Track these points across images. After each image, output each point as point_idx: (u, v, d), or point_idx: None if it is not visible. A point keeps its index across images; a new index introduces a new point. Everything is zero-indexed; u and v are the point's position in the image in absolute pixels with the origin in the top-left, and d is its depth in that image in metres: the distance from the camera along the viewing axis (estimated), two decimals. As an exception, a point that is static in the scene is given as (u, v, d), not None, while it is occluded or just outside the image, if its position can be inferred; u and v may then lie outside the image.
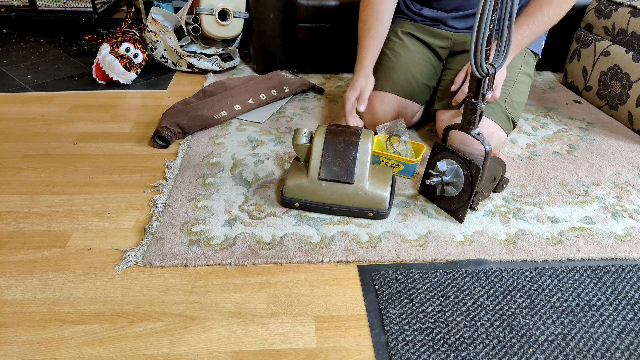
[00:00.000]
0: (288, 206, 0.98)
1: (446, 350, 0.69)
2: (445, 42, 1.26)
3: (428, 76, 1.25)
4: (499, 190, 1.03)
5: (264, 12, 1.61)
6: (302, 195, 0.96)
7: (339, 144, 0.95)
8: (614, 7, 1.44)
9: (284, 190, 0.97)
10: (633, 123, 1.36)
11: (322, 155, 0.95)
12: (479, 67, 0.82)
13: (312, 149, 0.96)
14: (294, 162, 1.01)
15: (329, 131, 0.96)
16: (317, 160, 0.95)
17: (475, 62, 0.81)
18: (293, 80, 1.52)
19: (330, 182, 0.95)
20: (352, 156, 0.94)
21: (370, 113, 1.24)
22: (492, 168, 0.94)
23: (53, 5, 2.05)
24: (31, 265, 0.83)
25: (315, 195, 0.96)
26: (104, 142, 1.25)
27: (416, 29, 1.28)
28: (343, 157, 0.94)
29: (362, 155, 0.94)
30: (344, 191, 0.95)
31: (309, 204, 0.97)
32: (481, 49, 0.80)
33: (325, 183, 0.95)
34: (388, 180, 0.97)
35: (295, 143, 0.97)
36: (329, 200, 0.96)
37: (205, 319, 0.74)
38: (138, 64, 1.64)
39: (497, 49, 0.83)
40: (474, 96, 0.87)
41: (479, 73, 0.83)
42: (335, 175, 0.94)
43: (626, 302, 0.79)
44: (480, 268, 0.85)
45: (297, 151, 0.99)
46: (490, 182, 0.97)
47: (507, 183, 1.02)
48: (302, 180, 0.96)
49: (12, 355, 0.67)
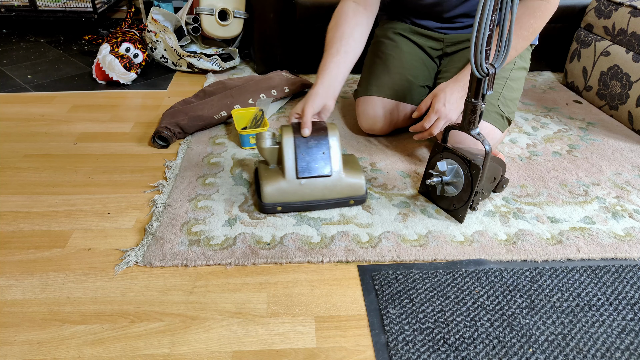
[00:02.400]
0: (269, 212, 0.96)
1: (446, 350, 0.69)
2: (438, 44, 1.26)
3: (421, 77, 1.25)
4: (499, 190, 1.03)
5: (264, 12, 1.61)
6: (282, 198, 0.95)
7: (310, 140, 0.96)
8: (614, 7, 1.44)
9: (263, 197, 0.95)
10: (633, 123, 1.37)
11: (296, 154, 0.95)
12: (479, 67, 0.82)
13: (283, 150, 0.95)
14: (262, 167, 0.99)
15: (296, 129, 0.96)
16: (291, 160, 0.95)
17: (475, 62, 0.81)
18: (293, 80, 1.52)
19: (309, 179, 0.95)
20: (324, 150, 0.96)
21: (365, 119, 1.25)
22: (492, 168, 0.94)
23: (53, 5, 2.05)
24: (31, 265, 0.84)
25: (296, 195, 0.95)
26: (104, 142, 1.25)
27: (408, 29, 1.28)
28: (317, 152, 0.95)
29: (334, 148, 0.97)
30: (324, 185, 0.96)
31: (291, 205, 0.96)
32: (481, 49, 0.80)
33: (305, 181, 0.95)
34: (358, 166, 1.01)
35: (261, 147, 0.96)
36: (310, 197, 0.96)
37: (205, 319, 0.74)
38: (138, 64, 1.64)
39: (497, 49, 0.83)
40: (474, 96, 0.87)
41: (479, 73, 0.83)
42: (313, 172, 0.95)
43: (626, 302, 0.79)
44: (480, 268, 0.85)
45: (265, 155, 0.97)
46: (490, 182, 0.97)
47: (507, 183, 1.02)
48: (281, 183, 0.94)
49: (12, 355, 0.67)
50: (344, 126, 1.36)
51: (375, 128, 1.25)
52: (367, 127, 1.27)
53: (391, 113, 1.23)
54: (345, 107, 1.49)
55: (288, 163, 0.94)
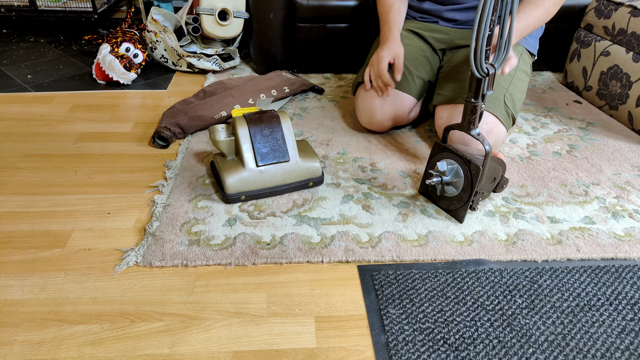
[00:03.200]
0: (233, 202, 1.00)
1: (446, 350, 0.69)
2: (443, 37, 1.27)
3: (423, 70, 1.25)
4: (499, 190, 1.03)
5: (264, 12, 1.61)
6: (245, 187, 0.98)
7: (264, 129, 1.00)
8: (614, 7, 1.44)
9: (226, 188, 0.97)
10: (633, 123, 1.36)
11: (252, 143, 0.98)
12: (479, 67, 0.82)
13: (239, 141, 0.98)
14: (220, 159, 1.02)
15: (249, 120, 1.00)
16: (249, 150, 0.98)
17: (475, 62, 0.81)
18: (293, 80, 1.52)
19: (268, 166, 0.99)
20: (279, 136, 1.00)
21: (363, 110, 1.25)
22: (492, 168, 0.94)
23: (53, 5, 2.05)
24: (31, 265, 0.83)
25: (258, 183, 0.99)
26: (104, 142, 1.25)
27: (416, 25, 1.30)
28: (272, 140, 1.00)
29: (288, 134, 1.02)
30: (283, 170, 1.00)
31: (254, 193, 1.00)
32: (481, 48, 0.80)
33: (264, 168, 0.99)
34: (312, 149, 1.07)
35: (216, 140, 0.99)
36: (272, 183, 1.00)
37: (205, 319, 0.74)
38: (138, 64, 1.64)
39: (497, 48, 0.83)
40: (474, 96, 0.87)
41: (479, 73, 0.83)
42: (271, 158, 0.99)
43: (626, 302, 0.79)
44: (480, 268, 0.85)
45: (221, 147, 1.00)
46: (490, 182, 0.97)
47: (507, 183, 1.02)
48: (242, 173, 0.98)
49: (12, 355, 0.67)
50: (344, 126, 1.36)
51: (374, 120, 1.25)
52: (366, 119, 1.26)
53: (390, 103, 1.23)
54: (345, 106, 1.49)
55: (246, 153, 0.98)
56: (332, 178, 1.10)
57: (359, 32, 1.66)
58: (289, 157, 1.01)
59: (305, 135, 1.31)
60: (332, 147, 1.24)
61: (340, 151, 1.22)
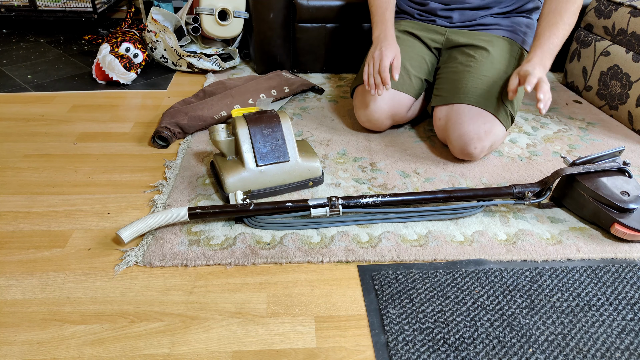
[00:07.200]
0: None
1: (446, 350, 0.69)
2: (438, 37, 1.27)
3: (420, 69, 1.25)
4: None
5: (264, 12, 1.61)
6: (245, 187, 0.98)
7: (264, 129, 0.99)
8: (614, 7, 1.44)
9: (226, 188, 0.97)
10: (633, 123, 1.36)
11: (252, 143, 0.98)
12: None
13: (239, 141, 0.98)
14: (220, 159, 1.02)
15: (249, 120, 1.00)
16: (249, 149, 0.98)
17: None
18: (293, 80, 1.52)
19: (268, 166, 0.99)
20: (279, 136, 1.00)
21: (362, 109, 1.25)
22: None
23: (53, 5, 2.05)
24: (31, 265, 0.84)
25: (258, 183, 0.99)
26: (104, 142, 1.25)
27: (412, 25, 1.30)
28: (272, 140, 1.00)
29: (288, 134, 1.02)
30: (283, 170, 1.00)
31: (255, 193, 1.00)
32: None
33: (264, 168, 0.99)
34: (312, 149, 1.07)
35: (216, 140, 0.99)
36: (272, 183, 1.00)
37: (205, 319, 0.74)
38: (138, 64, 1.64)
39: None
40: None
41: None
42: (271, 158, 0.99)
43: (626, 302, 0.79)
44: (480, 268, 0.85)
45: (221, 147, 1.00)
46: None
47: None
48: (242, 173, 0.98)
49: (12, 355, 0.67)
50: (343, 126, 1.36)
51: (372, 119, 1.24)
52: (365, 118, 1.26)
53: (388, 102, 1.23)
54: (345, 106, 1.49)
55: (246, 153, 0.98)
56: (332, 178, 1.10)
57: (359, 32, 1.66)
58: (289, 157, 1.01)
59: (305, 135, 1.31)
60: (332, 147, 1.24)
61: (340, 151, 1.22)
